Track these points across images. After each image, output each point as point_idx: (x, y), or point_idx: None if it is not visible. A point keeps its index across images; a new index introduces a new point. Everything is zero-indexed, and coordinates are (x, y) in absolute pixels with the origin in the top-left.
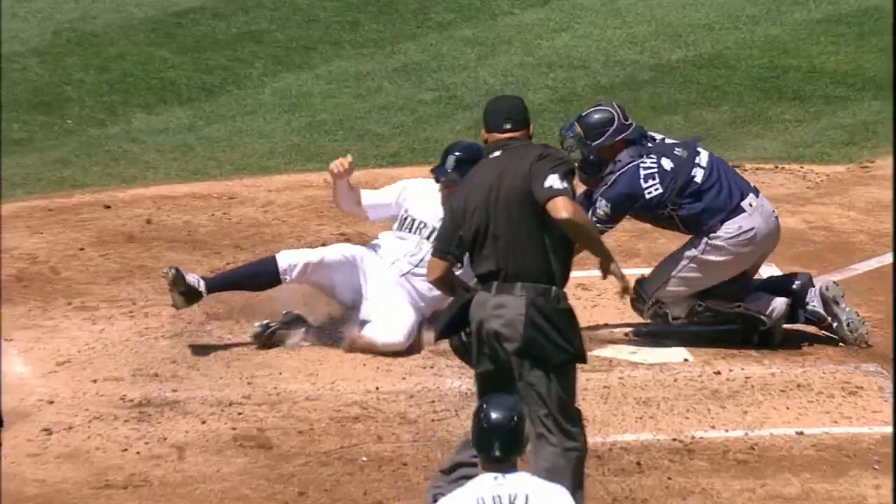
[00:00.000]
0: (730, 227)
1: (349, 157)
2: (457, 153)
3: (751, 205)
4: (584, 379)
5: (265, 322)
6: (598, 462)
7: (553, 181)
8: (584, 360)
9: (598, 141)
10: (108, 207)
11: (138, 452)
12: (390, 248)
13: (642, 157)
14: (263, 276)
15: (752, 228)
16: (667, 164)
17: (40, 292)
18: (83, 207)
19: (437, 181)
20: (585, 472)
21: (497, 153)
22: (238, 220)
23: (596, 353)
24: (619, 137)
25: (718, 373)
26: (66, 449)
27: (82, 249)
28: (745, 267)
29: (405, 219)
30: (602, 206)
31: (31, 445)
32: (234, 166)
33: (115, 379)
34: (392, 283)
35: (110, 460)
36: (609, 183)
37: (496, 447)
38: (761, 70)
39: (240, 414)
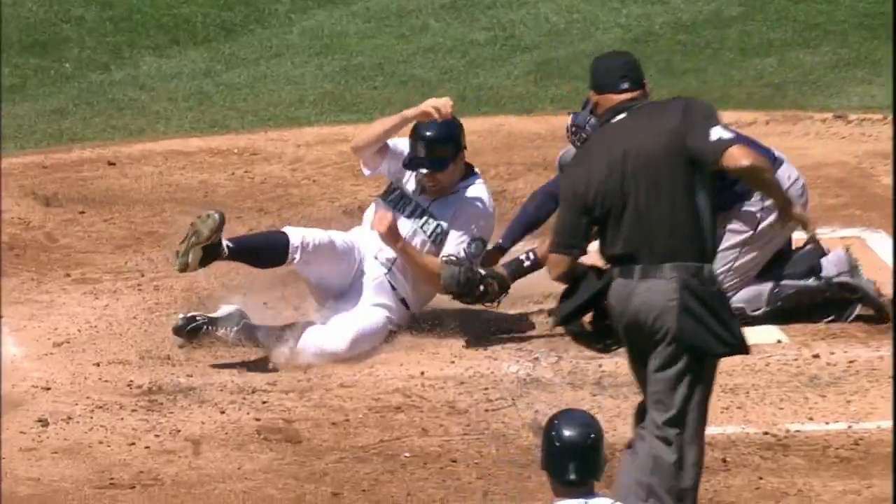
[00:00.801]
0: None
1: (450, 101)
2: (427, 134)
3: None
4: None
5: (190, 315)
6: None
7: (719, 132)
8: (746, 350)
9: None
10: (113, 164)
11: (147, 447)
12: (373, 233)
13: None
14: (270, 252)
15: (799, 178)
16: None
17: (34, 262)
18: (84, 164)
19: (413, 170)
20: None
21: (621, 116)
22: (262, 179)
23: None
24: None
25: (817, 356)
26: (64, 443)
27: (83, 213)
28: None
29: (401, 197)
30: None
31: (24, 438)
32: (257, 117)
33: (120, 362)
34: (371, 282)
35: (115, 456)
36: None
37: (571, 469)
38: (868, 5)
39: (264, 403)
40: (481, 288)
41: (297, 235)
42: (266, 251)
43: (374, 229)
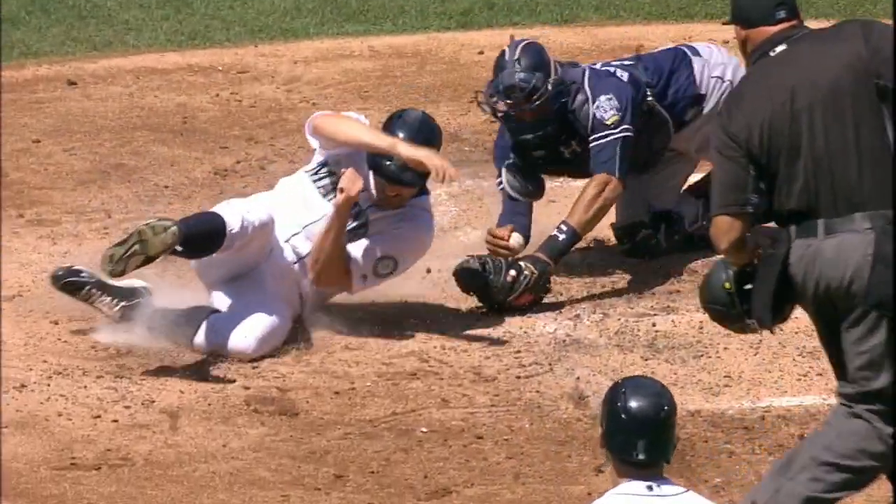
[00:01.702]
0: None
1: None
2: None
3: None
4: None
5: (76, 268)
6: (747, 435)
7: None
8: None
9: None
10: (74, 84)
11: (115, 420)
12: (290, 215)
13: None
14: (205, 241)
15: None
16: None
17: None
18: (39, 84)
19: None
20: (728, 447)
21: (780, 49)
22: (251, 102)
23: None
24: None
25: None
26: (16, 415)
27: (38, 142)
28: None
29: (333, 186)
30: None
31: None
32: (245, 28)
33: (83, 319)
34: (279, 270)
35: (77, 431)
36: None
37: (640, 448)
38: None
39: (254, 368)
40: (512, 273)
41: (235, 218)
42: (201, 241)
43: (343, 192)
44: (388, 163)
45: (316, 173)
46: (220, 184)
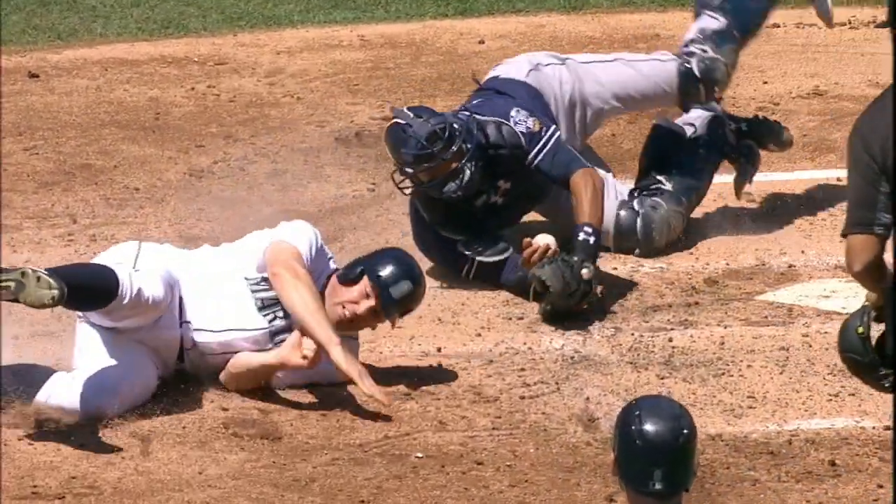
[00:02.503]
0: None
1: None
2: (406, 301)
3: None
4: (751, 337)
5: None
6: (772, 460)
7: None
8: None
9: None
10: (36, 77)
11: (81, 445)
12: (212, 307)
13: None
14: (87, 297)
15: None
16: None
17: None
18: None
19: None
20: (752, 474)
21: None
22: (230, 96)
23: (768, 295)
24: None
25: None
26: None
27: None
28: None
29: (267, 289)
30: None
31: None
32: (223, 15)
33: (45, 335)
34: (160, 340)
35: (39, 457)
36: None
37: (656, 477)
38: None
39: None
40: (584, 271)
41: (129, 285)
42: (83, 296)
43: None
44: (399, 287)
45: (258, 284)
46: (195, 186)
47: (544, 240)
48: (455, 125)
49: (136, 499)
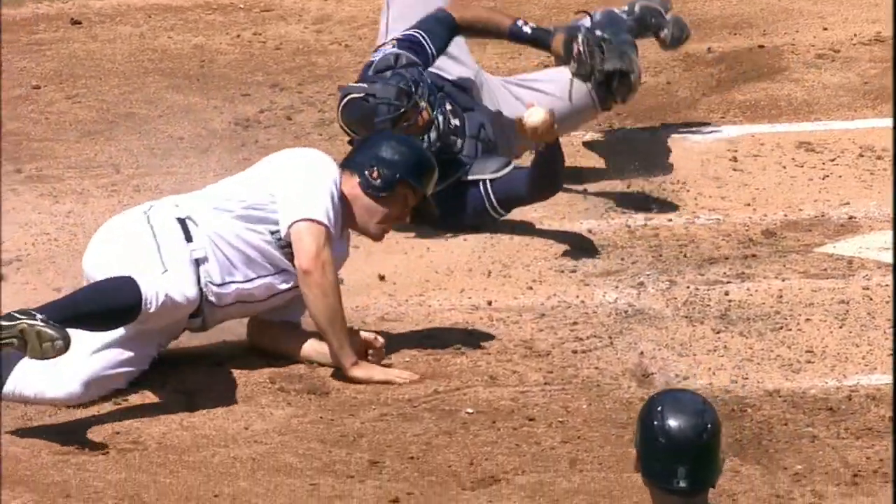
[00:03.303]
0: None
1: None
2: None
3: None
4: (810, 290)
5: None
6: (831, 416)
7: None
8: None
9: None
10: (78, 24)
11: (125, 400)
12: (236, 260)
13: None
14: (105, 318)
15: None
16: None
17: None
18: (39, 23)
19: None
20: (811, 431)
21: None
22: (277, 43)
23: (828, 248)
24: None
25: None
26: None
27: (38, 88)
28: None
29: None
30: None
31: None
32: None
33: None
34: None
35: (82, 412)
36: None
37: (680, 475)
38: None
39: None
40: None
41: (148, 285)
42: (100, 320)
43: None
44: (433, 176)
45: (277, 238)
46: (241, 135)
47: (538, 115)
48: (409, 76)
49: (180, 454)
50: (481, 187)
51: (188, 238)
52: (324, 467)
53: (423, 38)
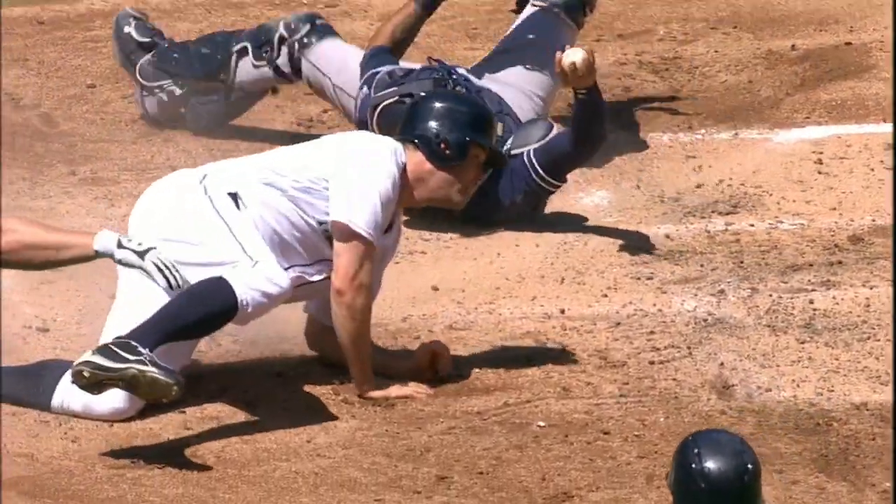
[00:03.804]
0: None
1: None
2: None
3: None
4: None
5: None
6: None
7: None
8: None
9: None
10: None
11: (182, 412)
12: (290, 247)
13: None
14: (214, 319)
15: None
16: None
17: (27, 155)
18: (94, 19)
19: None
20: None
21: None
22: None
23: None
24: None
25: None
26: None
27: (93, 87)
28: None
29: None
30: None
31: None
32: None
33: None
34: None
35: (138, 424)
36: None
37: None
38: None
39: None
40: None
41: (241, 286)
42: (209, 322)
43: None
44: (495, 130)
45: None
46: (303, 136)
47: (577, 53)
48: (432, 69)
49: (240, 468)
50: (525, 159)
51: None
52: (389, 482)
53: (380, 69)
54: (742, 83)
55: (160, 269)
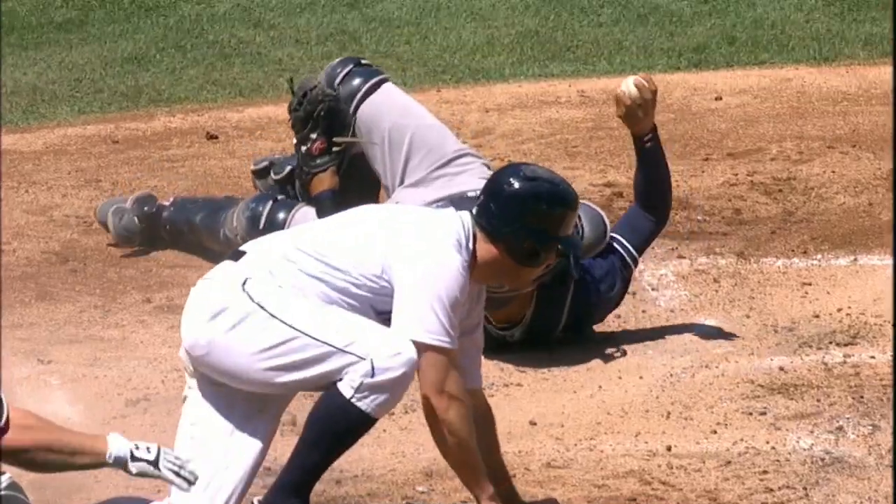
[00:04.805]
0: None
1: None
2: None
3: None
4: None
5: None
6: None
7: None
8: None
9: None
10: (214, 138)
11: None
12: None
13: None
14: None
15: None
16: None
17: (99, 281)
18: (172, 138)
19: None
20: None
21: None
22: None
23: None
24: None
25: None
26: None
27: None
28: None
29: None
30: None
31: None
32: (425, 68)
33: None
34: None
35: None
36: None
37: None
38: None
39: (421, 492)
40: None
41: (359, 389)
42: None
43: None
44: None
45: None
46: None
47: (630, 83)
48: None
49: None
50: (617, 245)
51: None
52: None
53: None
54: (861, 205)
55: (177, 473)
